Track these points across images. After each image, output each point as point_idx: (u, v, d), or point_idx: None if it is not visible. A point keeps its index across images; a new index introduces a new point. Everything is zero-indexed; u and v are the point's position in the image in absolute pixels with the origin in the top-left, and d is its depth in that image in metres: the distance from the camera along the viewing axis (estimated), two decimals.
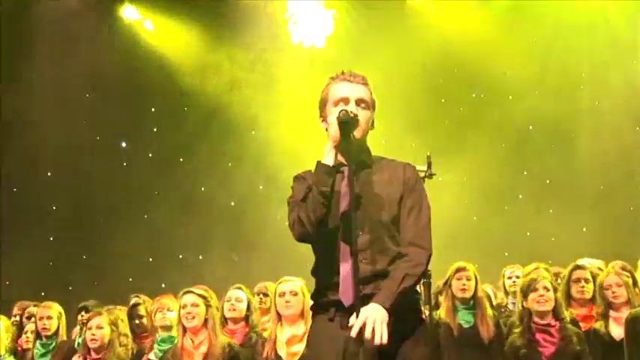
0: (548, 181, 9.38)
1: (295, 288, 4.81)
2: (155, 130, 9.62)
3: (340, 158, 2.92)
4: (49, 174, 9.40)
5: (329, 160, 2.90)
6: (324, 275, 2.89)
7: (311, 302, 3.00)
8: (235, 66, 9.46)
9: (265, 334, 4.85)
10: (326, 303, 2.84)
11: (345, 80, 3.04)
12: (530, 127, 9.51)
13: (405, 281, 2.80)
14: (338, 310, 2.80)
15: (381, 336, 2.62)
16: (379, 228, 2.91)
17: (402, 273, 2.81)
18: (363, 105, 3.00)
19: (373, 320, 2.64)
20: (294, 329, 4.67)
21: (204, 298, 4.71)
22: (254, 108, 9.43)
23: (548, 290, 4.72)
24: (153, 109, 9.63)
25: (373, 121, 3.04)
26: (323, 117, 2.98)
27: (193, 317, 4.61)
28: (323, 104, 3.02)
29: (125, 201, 9.19)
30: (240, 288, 5.24)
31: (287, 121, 9.17)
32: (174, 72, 9.37)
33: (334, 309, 2.82)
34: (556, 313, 4.72)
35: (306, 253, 3.08)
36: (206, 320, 4.66)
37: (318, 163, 2.91)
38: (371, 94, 3.03)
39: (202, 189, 9.65)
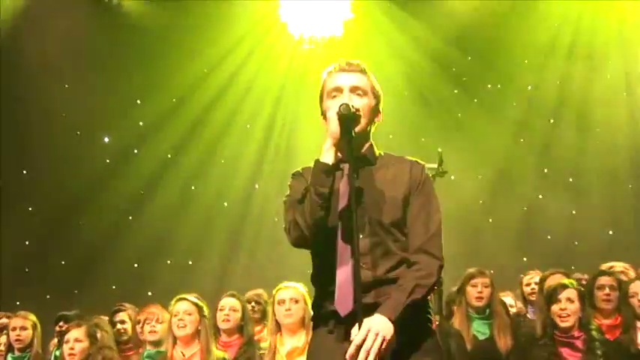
0: (570, 180, 9.31)
1: (296, 294, 4.80)
2: (141, 124, 9.59)
3: (340, 156, 2.89)
4: (24, 172, 9.34)
5: (328, 158, 2.88)
6: (323, 283, 2.86)
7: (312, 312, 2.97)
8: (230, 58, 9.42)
9: (263, 346, 4.87)
10: (325, 314, 2.81)
11: (340, 70, 3.05)
12: (551, 121, 9.35)
13: (414, 293, 2.77)
14: (338, 321, 2.77)
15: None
16: (381, 230, 2.90)
17: (412, 283, 2.79)
18: (359, 92, 3.00)
19: (375, 334, 2.63)
20: (294, 340, 4.67)
21: (198, 307, 4.73)
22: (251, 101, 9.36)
23: (572, 302, 4.72)
24: (138, 102, 9.59)
25: (379, 113, 3.02)
26: (323, 113, 2.99)
27: (185, 325, 4.62)
28: (320, 99, 3.02)
29: (107, 201, 9.15)
30: (234, 296, 5.24)
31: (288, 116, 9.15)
32: (163, 60, 9.32)
33: (334, 321, 2.79)
34: (581, 323, 4.72)
35: (304, 258, 3.08)
36: (198, 331, 4.67)
37: (317, 161, 2.88)
38: (370, 81, 3.01)
39: (193, 188, 9.62)
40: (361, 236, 2.82)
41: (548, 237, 8.98)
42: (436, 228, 2.93)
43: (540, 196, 9.44)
